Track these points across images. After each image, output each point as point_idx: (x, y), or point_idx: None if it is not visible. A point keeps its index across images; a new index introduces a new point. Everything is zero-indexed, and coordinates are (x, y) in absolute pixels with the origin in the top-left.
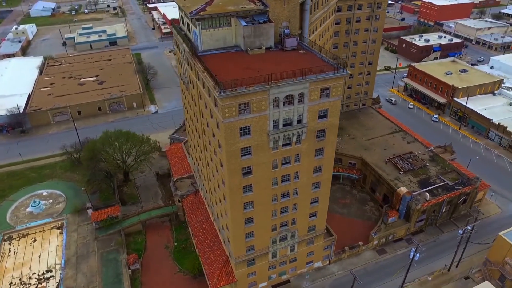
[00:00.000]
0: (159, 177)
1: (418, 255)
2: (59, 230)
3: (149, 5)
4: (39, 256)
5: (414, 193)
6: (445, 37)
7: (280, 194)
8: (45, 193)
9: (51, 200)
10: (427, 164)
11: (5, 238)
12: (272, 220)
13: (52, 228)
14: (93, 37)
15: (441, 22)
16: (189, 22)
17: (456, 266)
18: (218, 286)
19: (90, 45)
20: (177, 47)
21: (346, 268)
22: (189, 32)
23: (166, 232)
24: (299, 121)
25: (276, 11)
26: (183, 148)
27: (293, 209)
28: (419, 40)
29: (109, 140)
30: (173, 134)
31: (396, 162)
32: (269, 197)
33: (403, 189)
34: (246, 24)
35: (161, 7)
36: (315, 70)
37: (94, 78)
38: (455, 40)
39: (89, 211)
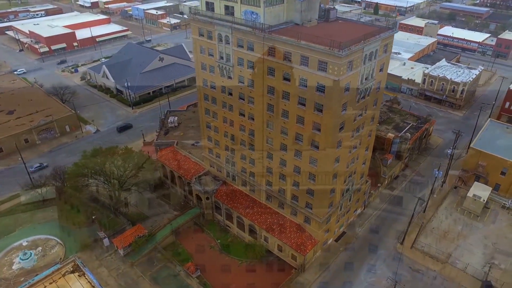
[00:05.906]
0: (153, 188)
1: (441, 172)
2: (76, 273)
3: None
4: None
5: (399, 136)
6: None
7: (353, 145)
8: (25, 243)
9: (40, 248)
10: (390, 115)
11: None
12: (346, 171)
13: (65, 275)
14: None
15: None
16: (235, 4)
17: (445, 182)
18: (307, 251)
19: None
20: (200, 36)
21: (377, 208)
22: (232, 15)
23: (199, 234)
24: (371, 76)
25: None
26: (178, 151)
27: (356, 159)
28: None
29: (96, 161)
30: (157, 140)
31: None
32: (347, 149)
33: (391, 135)
34: (302, 0)
35: (18, 25)
36: (380, 31)
37: None
38: None
39: (105, 241)
